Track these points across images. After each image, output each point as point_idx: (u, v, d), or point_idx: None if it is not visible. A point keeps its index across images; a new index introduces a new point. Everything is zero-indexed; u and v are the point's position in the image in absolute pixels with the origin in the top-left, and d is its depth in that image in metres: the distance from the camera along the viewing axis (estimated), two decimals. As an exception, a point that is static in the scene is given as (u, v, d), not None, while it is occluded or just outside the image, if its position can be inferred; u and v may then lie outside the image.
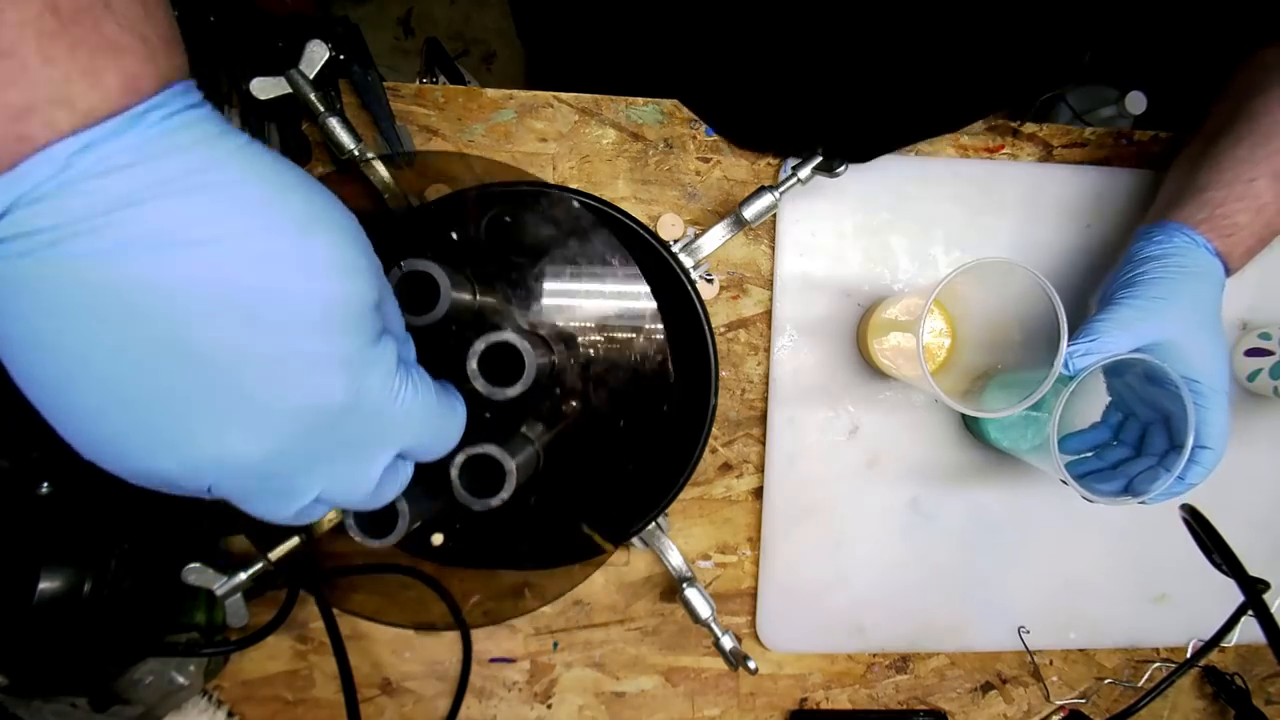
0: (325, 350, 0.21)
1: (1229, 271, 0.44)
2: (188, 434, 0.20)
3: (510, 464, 0.30)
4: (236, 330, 0.19)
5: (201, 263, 0.18)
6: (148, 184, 0.17)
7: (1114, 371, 0.46)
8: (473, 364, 0.29)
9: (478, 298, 0.35)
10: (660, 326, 0.49)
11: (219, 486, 0.22)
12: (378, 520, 0.30)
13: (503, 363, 0.30)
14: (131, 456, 0.20)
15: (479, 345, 0.29)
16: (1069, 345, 0.40)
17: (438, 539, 0.36)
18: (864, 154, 0.51)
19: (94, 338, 0.18)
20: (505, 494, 0.30)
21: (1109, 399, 0.49)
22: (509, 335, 0.29)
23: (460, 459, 0.29)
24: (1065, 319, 0.39)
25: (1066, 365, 0.40)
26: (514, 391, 0.30)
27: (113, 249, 0.17)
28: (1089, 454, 0.47)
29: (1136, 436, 0.46)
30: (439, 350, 0.29)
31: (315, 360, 0.21)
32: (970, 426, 0.55)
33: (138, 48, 0.18)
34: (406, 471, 0.26)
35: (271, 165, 0.21)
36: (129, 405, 0.19)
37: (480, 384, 0.29)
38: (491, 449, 0.30)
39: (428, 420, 0.25)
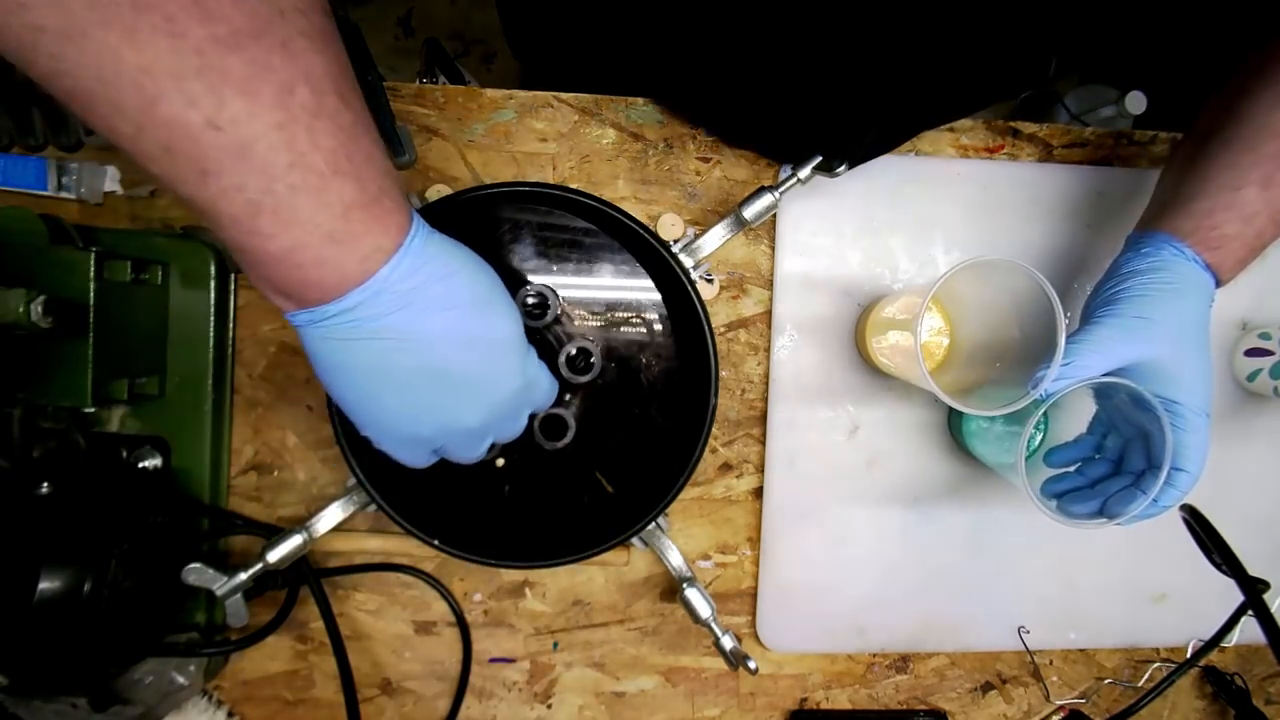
0: (514, 362, 0.36)
1: (1220, 282, 0.43)
2: (445, 414, 0.34)
3: (572, 421, 0.46)
4: (471, 358, 0.33)
5: (451, 323, 0.32)
6: (419, 284, 0.31)
7: (1098, 388, 0.46)
8: (562, 359, 0.45)
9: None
10: (666, 327, 0.49)
11: (449, 443, 0.37)
12: (552, 429, 0.46)
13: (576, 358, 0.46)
14: (405, 429, 0.35)
15: (570, 348, 0.45)
16: (1040, 370, 0.39)
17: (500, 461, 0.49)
18: (857, 155, 0.51)
19: (395, 367, 0.32)
20: (568, 439, 0.46)
21: (1095, 408, 0.49)
22: (584, 342, 0.46)
23: (539, 417, 0.46)
24: (1063, 319, 0.39)
25: (1037, 388, 0.39)
26: (586, 379, 0.46)
27: (406, 321, 0.31)
28: (1071, 469, 0.46)
29: (1118, 451, 0.45)
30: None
31: (510, 369, 0.36)
32: (957, 437, 0.55)
33: (398, 210, 0.30)
34: (526, 419, 0.40)
35: (465, 256, 0.33)
36: (414, 405, 0.34)
37: (566, 373, 0.45)
38: (561, 411, 0.46)
39: (549, 389, 0.40)
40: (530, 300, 0.45)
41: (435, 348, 0.32)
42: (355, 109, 0.28)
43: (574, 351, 0.45)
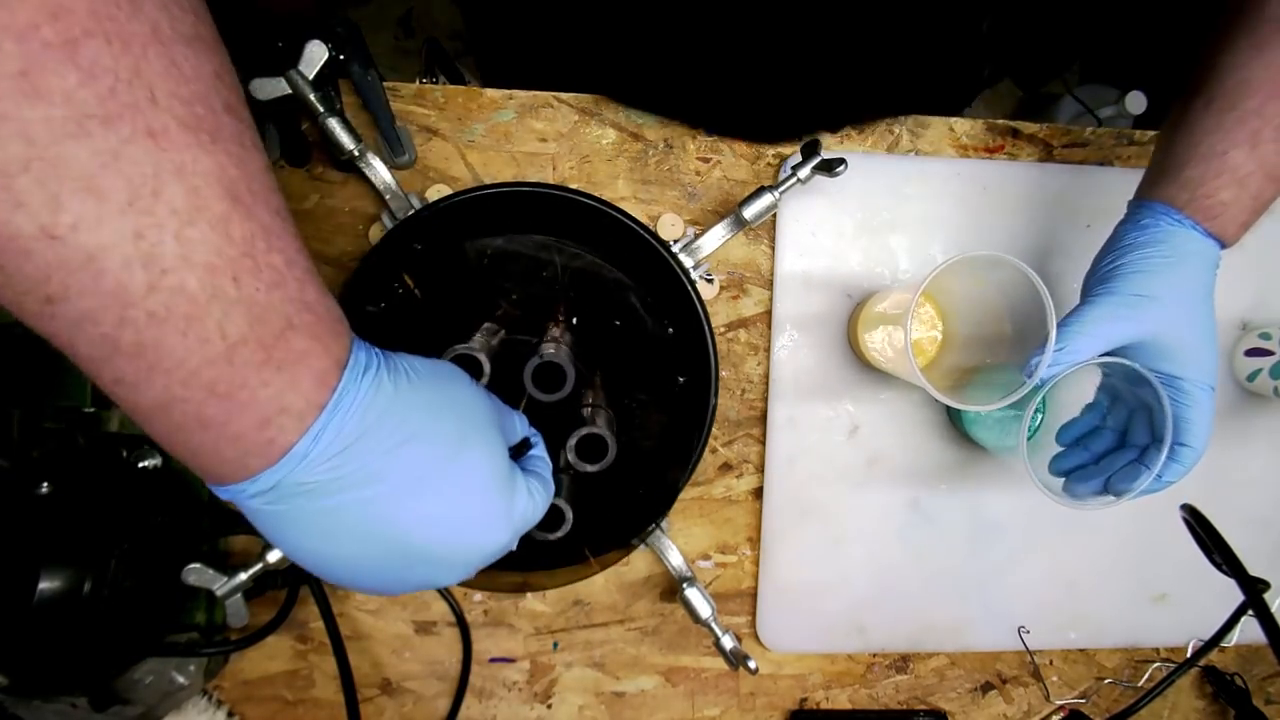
0: (496, 517, 0.30)
1: (1226, 244, 0.41)
2: (417, 581, 0.29)
3: (612, 441, 0.39)
4: (438, 534, 0.27)
5: (405, 505, 0.26)
6: (350, 465, 0.25)
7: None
8: (571, 443, 0.39)
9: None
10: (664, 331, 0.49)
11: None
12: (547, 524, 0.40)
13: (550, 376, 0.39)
14: (372, 587, 0.29)
15: (581, 432, 0.39)
16: (1034, 357, 0.39)
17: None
18: (831, 122, 0.49)
19: (341, 544, 0.26)
20: (608, 461, 0.39)
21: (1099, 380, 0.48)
22: (597, 428, 0.39)
23: (573, 440, 0.39)
24: (1053, 313, 0.38)
25: (1032, 376, 0.38)
26: (595, 468, 0.40)
27: (340, 506, 0.25)
28: (1076, 445, 0.46)
29: (1123, 423, 0.45)
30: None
31: (492, 527, 0.30)
32: (957, 424, 0.55)
33: (319, 350, 0.24)
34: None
35: (426, 397, 0.28)
36: (372, 572, 0.28)
37: (536, 393, 0.39)
38: (600, 429, 0.40)
39: (542, 508, 0.34)
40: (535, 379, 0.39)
41: (386, 533, 0.26)
42: (259, 216, 0.22)
43: (585, 434, 0.40)
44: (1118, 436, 0.45)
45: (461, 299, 0.47)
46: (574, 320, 0.48)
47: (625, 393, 0.49)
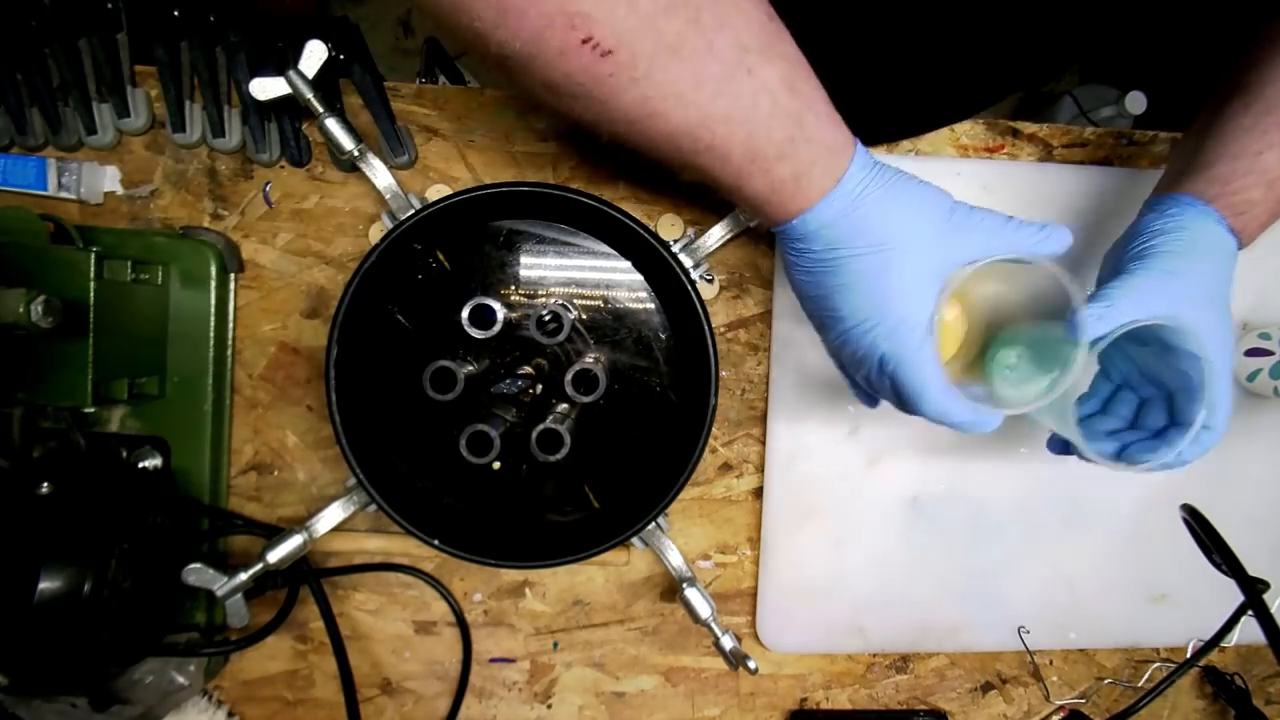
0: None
1: (1242, 245, 0.42)
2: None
3: (567, 436, 0.43)
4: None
5: (896, 246, 0.35)
6: (870, 206, 0.35)
7: (1114, 344, 0.43)
8: (568, 378, 0.43)
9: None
10: (665, 330, 0.49)
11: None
12: (548, 444, 0.43)
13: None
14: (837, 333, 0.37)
15: (576, 367, 0.43)
16: (1074, 316, 0.37)
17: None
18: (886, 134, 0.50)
19: (856, 281, 0.35)
20: (564, 453, 0.43)
21: (1095, 370, 0.47)
22: (589, 364, 0.43)
23: (537, 430, 0.43)
24: (1080, 294, 0.37)
25: (1081, 332, 0.37)
26: (589, 399, 0.43)
27: (868, 243, 0.35)
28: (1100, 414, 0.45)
29: (1131, 411, 0.44)
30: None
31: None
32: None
33: (838, 124, 0.34)
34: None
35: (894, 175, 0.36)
36: (862, 308, 0.36)
37: (570, 391, 0.43)
38: (557, 426, 0.43)
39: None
40: (545, 317, 0.44)
41: (887, 267, 0.35)
42: (808, 83, 0.33)
43: (579, 369, 0.44)
44: (1124, 424, 0.44)
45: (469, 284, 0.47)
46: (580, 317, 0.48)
47: (625, 393, 0.49)
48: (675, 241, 0.48)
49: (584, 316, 0.49)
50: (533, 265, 0.48)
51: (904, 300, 0.35)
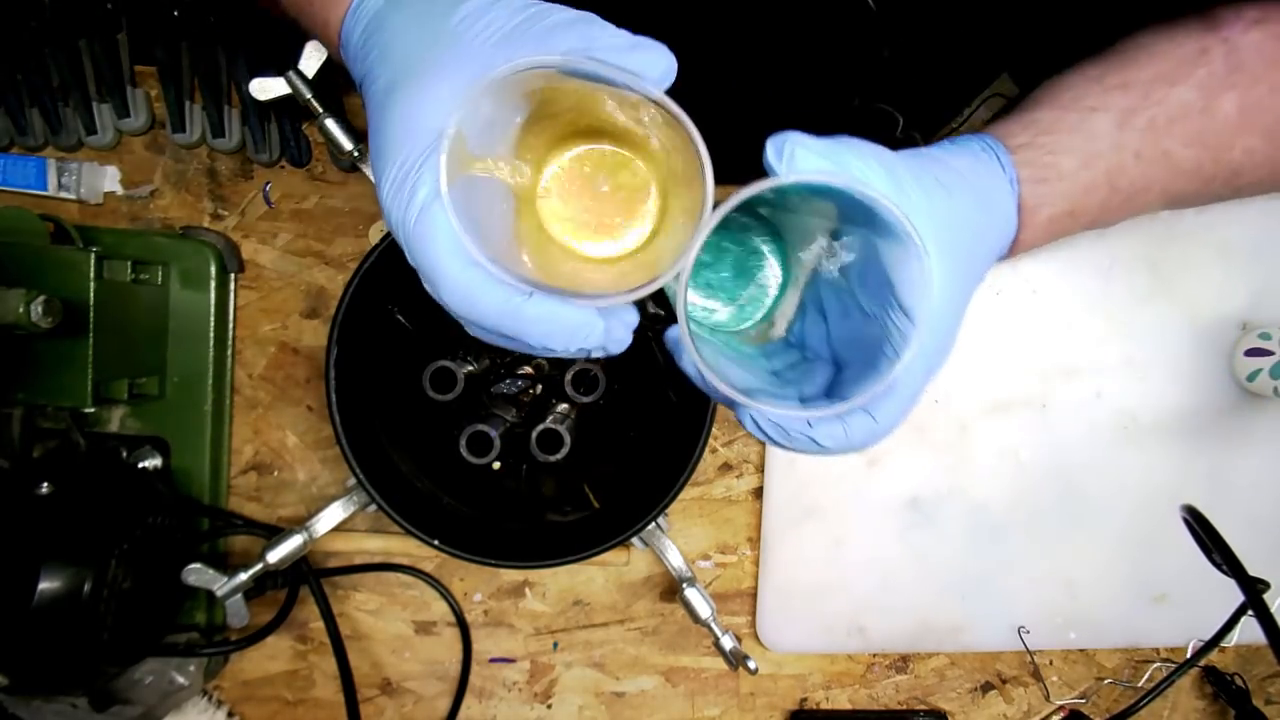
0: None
1: (1015, 244, 0.31)
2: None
3: (567, 436, 0.43)
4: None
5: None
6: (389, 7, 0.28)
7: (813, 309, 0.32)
8: (568, 378, 0.44)
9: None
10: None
11: None
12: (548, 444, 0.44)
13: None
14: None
15: (575, 367, 0.44)
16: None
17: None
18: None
19: (372, 114, 0.27)
20: (564, 453, 0.43)
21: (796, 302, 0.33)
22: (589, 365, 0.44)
23: (537, 430, 0.43)
24: (704, 148, 0.24)
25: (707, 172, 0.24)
26: (589, 399, 0.44)
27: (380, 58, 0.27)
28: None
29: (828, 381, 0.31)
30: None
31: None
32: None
33: None
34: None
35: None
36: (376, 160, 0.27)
37: (571, 391, 0.44)
38: (558, 426, 0.43)
39: None
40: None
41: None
42: None
43: (579, 369, 0.44)
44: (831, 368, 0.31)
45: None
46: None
47: (625, 393, 0.49)
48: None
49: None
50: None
51: (407, 135, 0.25)
